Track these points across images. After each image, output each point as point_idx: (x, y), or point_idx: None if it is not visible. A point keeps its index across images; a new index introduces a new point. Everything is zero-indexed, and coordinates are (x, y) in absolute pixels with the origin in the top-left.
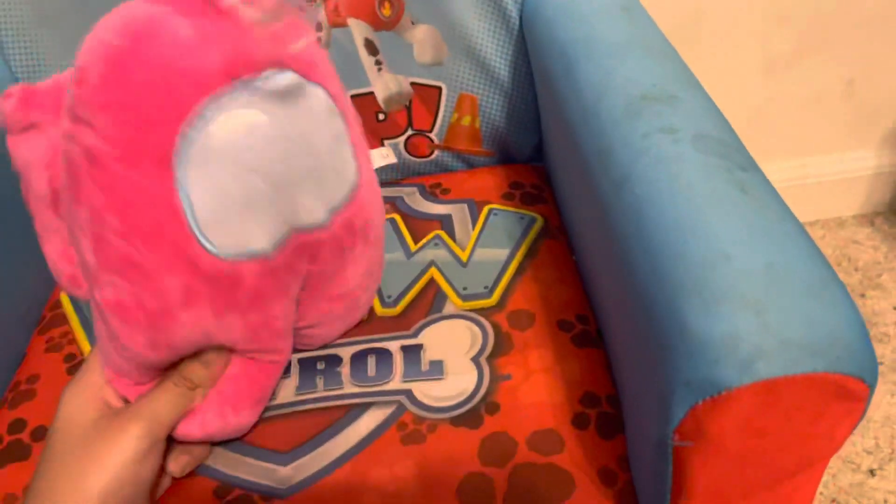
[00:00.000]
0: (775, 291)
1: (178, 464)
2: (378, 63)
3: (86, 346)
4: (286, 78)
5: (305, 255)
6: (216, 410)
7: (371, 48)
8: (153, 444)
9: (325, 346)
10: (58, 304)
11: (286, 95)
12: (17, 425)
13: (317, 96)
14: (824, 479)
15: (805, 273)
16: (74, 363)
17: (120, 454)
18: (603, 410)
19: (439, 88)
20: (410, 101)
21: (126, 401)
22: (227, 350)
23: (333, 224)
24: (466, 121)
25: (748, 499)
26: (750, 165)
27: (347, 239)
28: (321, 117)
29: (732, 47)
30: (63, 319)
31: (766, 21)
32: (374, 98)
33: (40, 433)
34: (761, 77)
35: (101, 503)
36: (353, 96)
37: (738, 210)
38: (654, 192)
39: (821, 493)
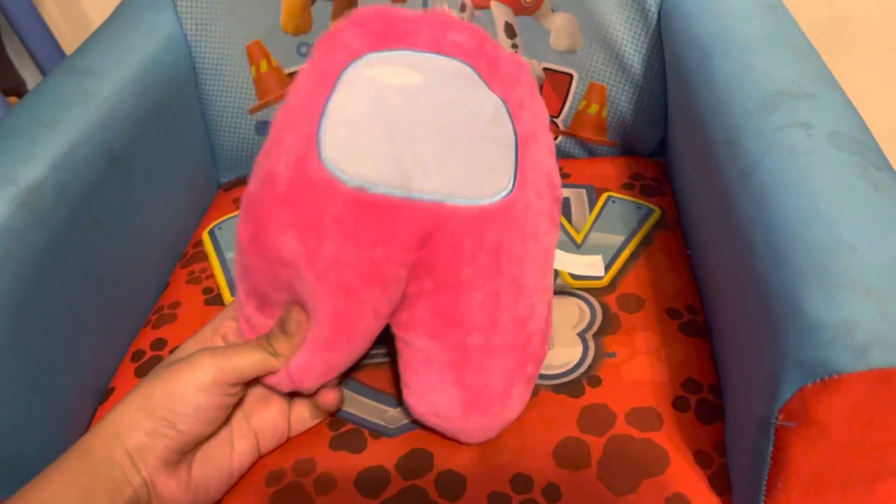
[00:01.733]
0: None
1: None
2: (515, 46)
3: (222, 281)
4: (462, 66)
5: (411, 224)
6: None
7: (510, 31)
8: (217, 380)
9: None
10: (200, 243)
11: (456, 78)
12: (158, 343)
13: (488, 96)
14: None
15: None
16: (211, 296)
17: (183, 379)
18: (704, 397)
19: (571, 76)
20: (541, 86)
21: None
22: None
23: (452, 210)
24: (594, 109)
25: (846, 492)
26: (886, 166)
27: (468, 240)
28: (484, 113)
29: (878, 55)
30: (204, 256)
31: None
32: None
33: None
34: None
35: (163, 413)
36: None
37: (868, 204)
38: (782, 182)
39: None
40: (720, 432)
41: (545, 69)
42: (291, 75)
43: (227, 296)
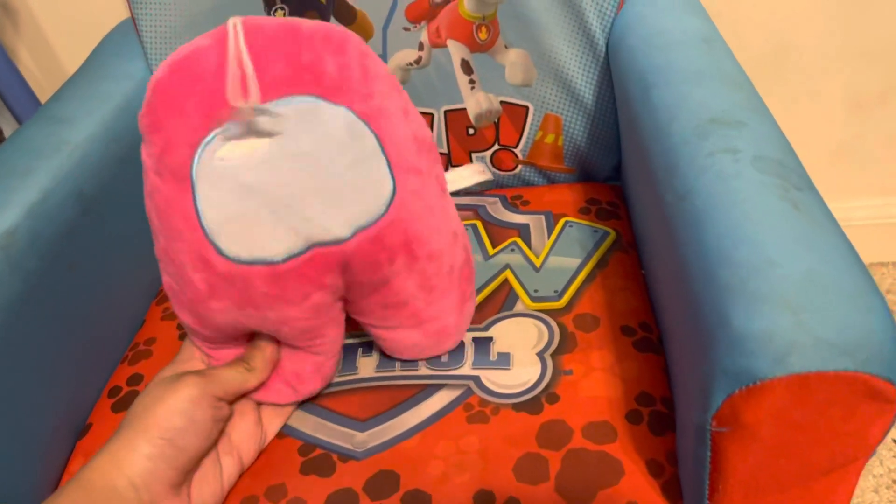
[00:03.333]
0: (813, 294)
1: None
2: (472, 82)
3: None
4: (292, 104)
5: (330, 266)
6: (281, 381)
7: (466, 68)
8: (205, 392)
9: None
10: None
11: (295, 116)
12: (135, 379)
13: (335, 117)
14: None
15: (844, 281)
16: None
17: (174, 396)
18: (657, 409)
19: (526, 108)
20: (499, 119)
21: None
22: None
23: (358, 240)
24: (550, 139)
25: (784, 493)
26: (806, 186)
27: (381, 253)
28: (339, 138)
29: (818, 82)
30: None
31: (854, 58)
32: (466, 114)
33: None
34: (847, 113)
35: (160, 432)
36: (446, 111)
37: (787, 223)
38: (712, 205)
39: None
40: (672, 442)
41: (502, 102)
42: None
43: None
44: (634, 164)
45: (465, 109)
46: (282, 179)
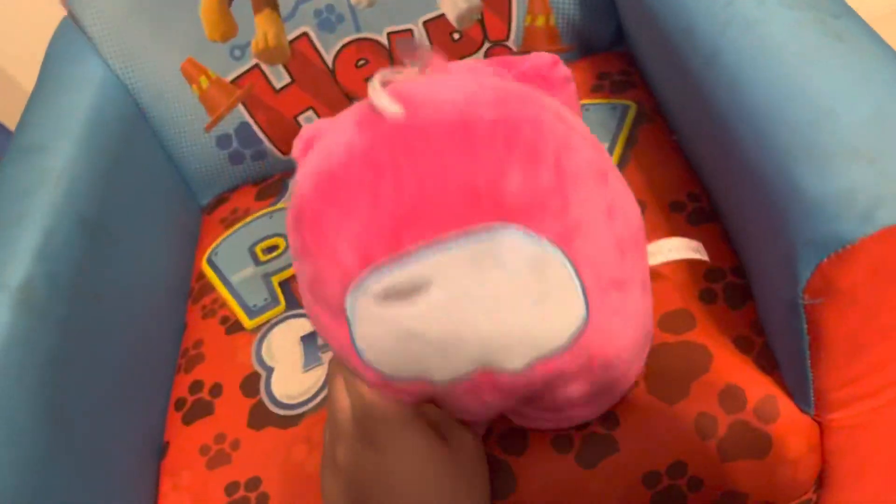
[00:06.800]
0: (887, 137)
1: None
2: None
3: (235, 306)
4: (464, 245)
5: (496, 389)
6: None
7: None
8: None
9: None
10: (202, 275)
11: (466, 262)
12: (196, 386)
13: (517, 251)
14: None
15: None
16: (230, 324)
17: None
18: (728, 281)
19: None
20: (482, 14)
21: None
22: None
23: (534, 371)
24: (541, 21)
25: (885, 340)
26: (843, 11)
27: (558, 380)
28: (521, 278)
29: None
30: (210, 287)
31: None
32: (446, 20)
33: (217, 390)
34: None
35: None
36: (425, 23)
37: (835, 62)
38: (746, 61)
39: None
40: (753, 312)
41: None
42: (235, 81)
43: (244, 320)
44: (640, 30)
45: (443, 16)
46: (449, 327)
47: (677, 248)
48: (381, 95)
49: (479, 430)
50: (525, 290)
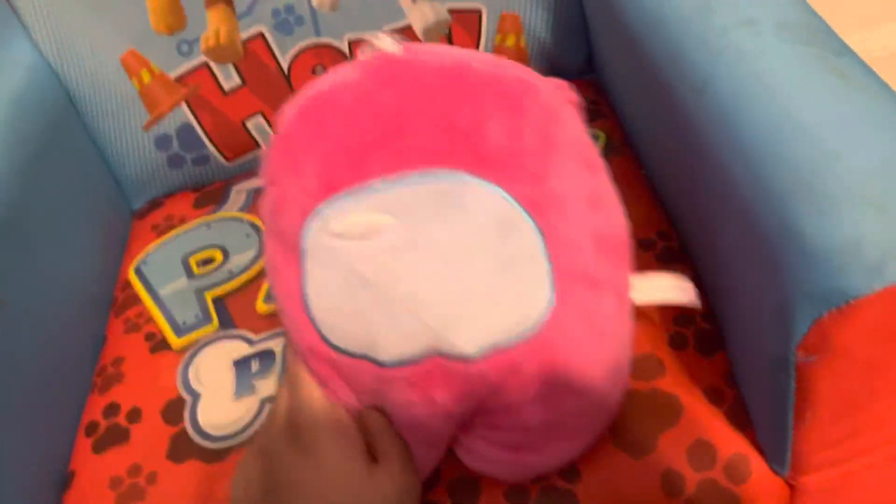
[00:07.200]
0: None
1: None
2: None
3: (163, 323)
4: (432, 181)
5: (447, 384)
6: None
7: None
8: None
9: None
10: (128, 284)
11: (434, 200)
12: (111, 410)
13: (485, 205)
14: None
15: None
16: (155, 342)
17: None
18: (700, 328)
19: (479, 11)
20: (450, 29)
21: None
22: None
23: (489, 362)
24: (511, 42)
25: (874, 403)
26: (844, 50)
27: (512, 379)
28: (485, 233)
29: None
30: (136, 299)
31: None
32: (412, 31)
33: (135, 415)
34: None
35: None
36: (390, 32)
37: (839, 100)
38: (742, 92)
39: None
40: (724, 362)
41: (450, 10)
42: (180, 78)
43: (171, 338)
44: (616, 56)
45: (410, 26)
46: (403, 275)
47: (665, 288)
48: (383, 38)
49: (423, 469)
50: (488, 249)
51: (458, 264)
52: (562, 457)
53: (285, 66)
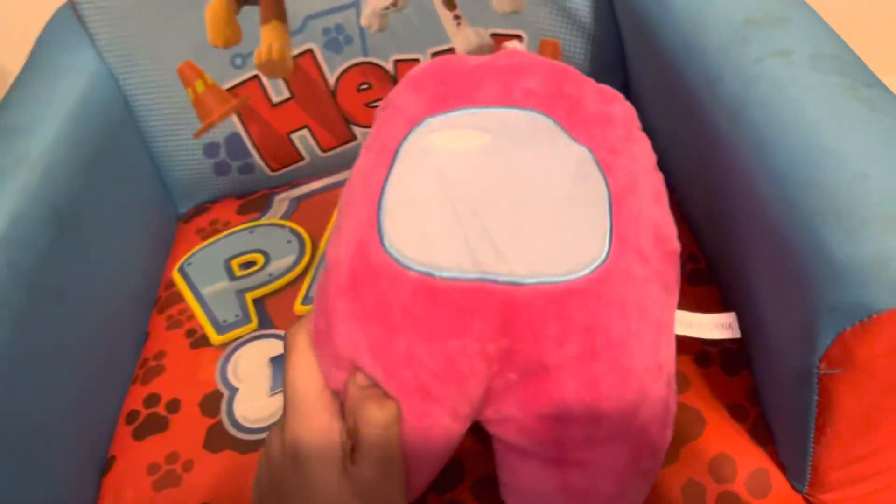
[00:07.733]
0: None
1: None
2: (457, 17)
3: (204, 320)
4: (536, 117)
5: (490, 308)
6: None
7: (449, 3)
8: None
9: None
10: (171, 284)
11: (529, 133)
12: (151, 400)
13: (572, 152)
14: None
15: None
16: (196, 338)
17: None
18: (724, 347)
19: (520, 37)
20: (492, 52)
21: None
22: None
23: (535, 292)
24: None
25: (895, 420)
26: (874, 81)
27: (553, 324)
28: (565, 169)
29: None
30: (179, 297)
31: None
32: (455, 53)
33: (174, 405)
34: None
35: None
36: (433, 54)
37: (868, 127)
38: (775, 118)
39: None
40: (749, 380)
41: (493, 35)
42: (232, 90)
43: (212, 335)
44: (653, 84)
45: (453, 49)
46: (480, 182)
47: (708, 328)
48: (514, 42)
49: (452, 433)
50: (564, 185)
51: (534, 183)
52: (605, 481)
53: (332, 83)
